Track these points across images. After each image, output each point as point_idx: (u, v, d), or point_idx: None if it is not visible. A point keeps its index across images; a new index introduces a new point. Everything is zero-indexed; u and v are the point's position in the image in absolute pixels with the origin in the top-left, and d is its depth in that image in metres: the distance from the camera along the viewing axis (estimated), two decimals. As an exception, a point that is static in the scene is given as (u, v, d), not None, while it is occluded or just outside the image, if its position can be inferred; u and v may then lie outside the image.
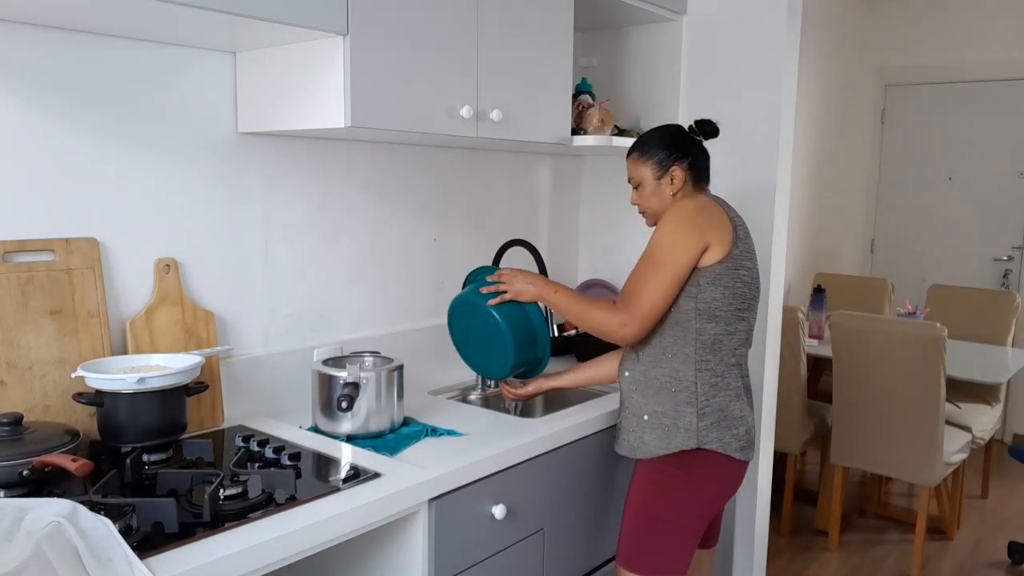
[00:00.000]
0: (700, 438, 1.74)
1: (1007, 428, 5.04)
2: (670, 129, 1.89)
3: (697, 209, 1.73)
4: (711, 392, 1.75)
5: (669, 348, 1.77)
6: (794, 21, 2.43)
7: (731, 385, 1.78)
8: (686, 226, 1.70)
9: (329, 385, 1.74)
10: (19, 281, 1.52)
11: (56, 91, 1.56)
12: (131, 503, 1.25)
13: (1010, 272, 5.03)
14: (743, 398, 1.81)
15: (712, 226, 1.71)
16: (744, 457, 1.79)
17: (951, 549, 3.47)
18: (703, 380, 1.75)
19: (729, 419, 1.76)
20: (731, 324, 1.75)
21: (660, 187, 1.84)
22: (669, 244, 1.70)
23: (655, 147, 1.85)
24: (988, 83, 5.02)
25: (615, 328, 1.73)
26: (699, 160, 1.86)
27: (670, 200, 1.84)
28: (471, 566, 1.64)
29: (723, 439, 1.75)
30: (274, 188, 1.94)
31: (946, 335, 2.99)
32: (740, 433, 1.78)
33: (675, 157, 1.83)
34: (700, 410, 1.75)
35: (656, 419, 1.78)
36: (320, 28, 1.55)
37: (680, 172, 1.82)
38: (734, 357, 1.79)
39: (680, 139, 1.86)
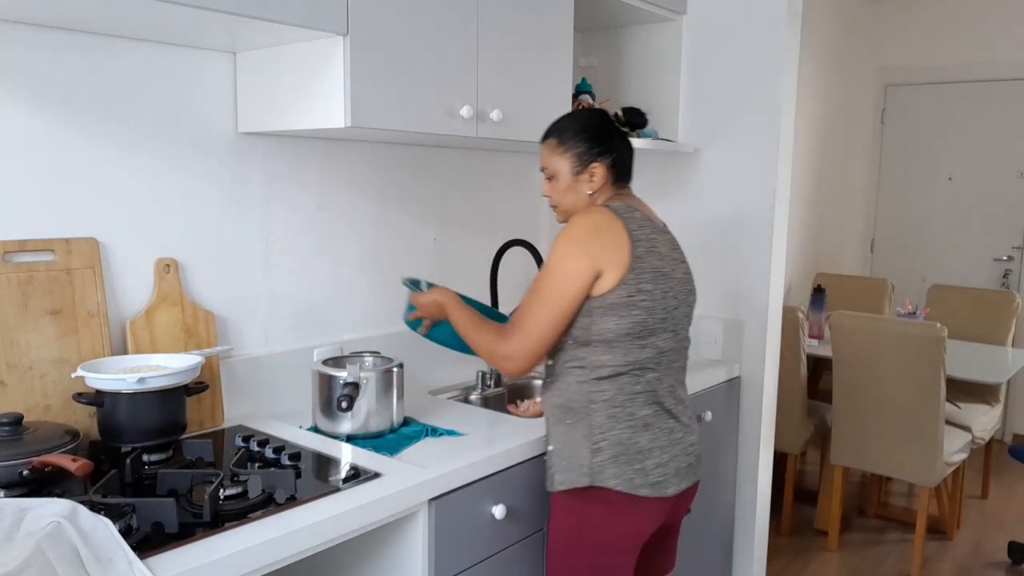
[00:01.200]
0: (594, 475, 1.58)
1: (1007, 428, 5.04)
2: (595, 118, 1.70)
3: (589, 230, 1.56)
4: (608, 424, 1.58)
5: (564, 377, 1.63)
6: (794, 21, 2.43)
7: (636, 415, 1.59)
8: (577, 250, 1.55)
9: (329, 385, 1.74)
10: (19, 281, 1.52)
11: (56, 91, 1.56)
12: (131, 503, 1.25)
13: (1010, 272, 5.03)
14: (656, 427, 1.61)
15: (605, 249, 1.54)
16: (657, 494, 1.59)
17: (951, 549, 3.47)
18: (598, 412, 1.59)
19: (631, 453, 1.58)
20: (630, 353, 1.58)
21: (577, 184, 1.67)
22: (558, 273, 1.55)
23: (577, 138, 1.66)
24: (988, 83, 5.03)
25: (499, 360, 1.62)
26: (623, 156, 1.68)
27: (586, 199, 1.67)
28: (471, 566, 1.64)
29: (623, 475, 1.57)
30: (274, 188, 1.94)
31: (946, 335, 2.99)
32: (649, 467, 1.58)
33: (598, 152, 1.65)
34: (595, 444, 1.58)
35: (557, 452, 1.64)
36: (320, 28, 1.55)
37: (601, 170, 1.65)
38: (639, 384, 1.60)
39: (606, 131, 1.67)
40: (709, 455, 2.45)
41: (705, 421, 2.38)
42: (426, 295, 1.79)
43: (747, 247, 2.50)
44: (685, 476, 1.66)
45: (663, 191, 2.66)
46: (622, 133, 1.71)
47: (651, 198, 2.69)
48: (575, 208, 1.68)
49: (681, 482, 1.65)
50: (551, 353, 1.66)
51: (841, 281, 4.57)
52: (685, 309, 1.67)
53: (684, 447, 1.66)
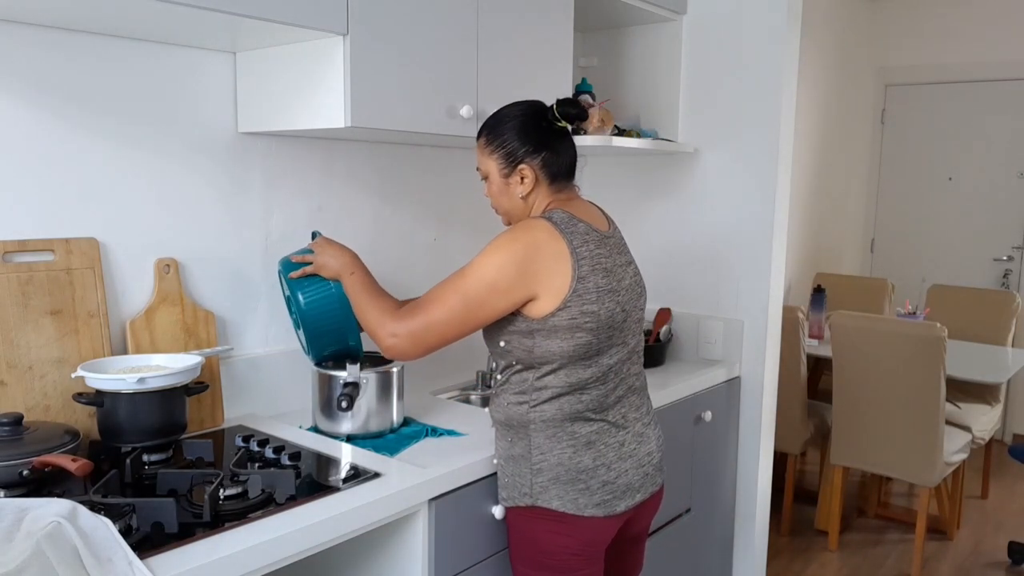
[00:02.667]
0: (536, 496, 1.52)
1: (1007, 428, 5.04)
2: (525, 112, 1.55)
3: (529, 248, 1.44)
4: (548, 445, 1.51)
5: (506, 395, 1.56)
6: (794, 21, 2.43)
7: (577, 433, 1.50)
8: (510, 269, 1.43)
9: (329, 385, 1.74)
10: (19, 281, 1.52)
11: (56, 91, 1.56)
12: (131, 503, 1.25)
13: (1010, 272, 5.03)
14: (601, 442, 1.52)
15: (543, 272, 1.43)
16: (606, 512, 1.51)
17: (951, 549, 3.47)
18: (538, 432, 1.51)
19: (573, 473, 1.50)
20: (573, 375, 1.49)
21: (508, 186, 1.56)
22: (484, 279, 1.44)
23: (504, 136, 1.54)
24: (988, 83, 5.03)
25: (384, 337, 1.51)
26: (557, 155, 1.54)
27: (519, 203, 1.56)
28: (471, 566, 1.64)
29: (566, 496, 1.50)
30: (274, 188, 1.94)
31: (946, 335, 2.99)
32: (594, 486, 1.50)
33: (526, 151, 1.52)
34: (535, 465, 1.52)
35: (502, 468, 1.59)
36: (320, 28, 1.55)
37: (530, 171, 1.53)
38: (580, 403, 1.51)
39: (534, 127, 1.53)
40: (709, 455, 2.45)
41: (705, 421, 2.38)
42: (332, 243, 1.67)
43: (747, 247, 2.50)
44: (639, 489, 1.57)
45: (663, 191, 2.66)
46: (557, 130, 1.55)
47: (651, 198, 2.70)
48: (514, 212, 1.59)
49: (635, 495, 1.56)
50: (497, 367, 1.59)
51: (841, 281, 4.57)
52: (637, 315, 1.59)
53: (637, 460, 1.57)
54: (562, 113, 1.53)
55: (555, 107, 1.53)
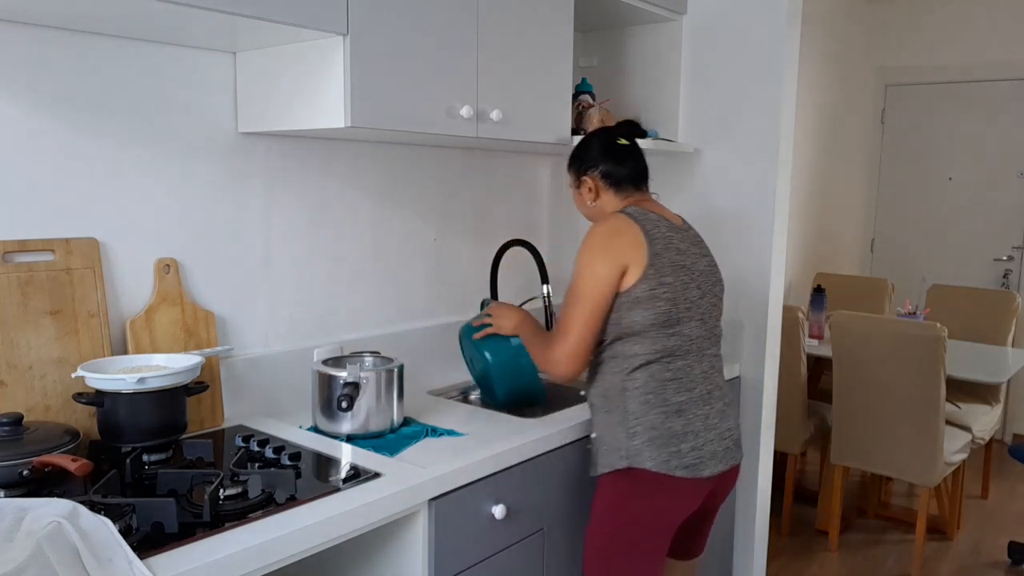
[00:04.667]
0: (631, 457, 1.69)
1: (1007, 428, 5.04)
2: (590, 137, 1.90)
3: (608, 233, 1.70)
4: (642, 410, 1.69)
5: (600, 369, 1.76)
6: (794, 21, 2.43)
7: (669, 401, 1.69)
8: (599, 253, 1.68)
9: (329, 385, 1.74)
10: (19, 281, 1.52)
11: (56, 91, 1.56)
12: (131, 503, 1.25)
13: (1010, 272, 5.03)
14: (690, 412, 1.71)
15: (626, 247, 1.67)
16: (692, 475, 1.68)
17: (951, 549, 3.47)
18: (632, 399, 1.70)
19: (666, 436, 1.68)
20: (658, 342, 1.68)
21: (580, 196, 1.88)
22: (587, 275, 1.68)
23: (571, 158, 1.89)
24: (988, 83, 5.03)
25: (551, 367, 1.73)
26: (616, 166, 1.82)
27: (593, 208, 1.86)
28: (471, 566, 1.64)
29: (658, 457, 1.67)
30: (274, 188, 1.95)
31: (946, 335, 2.99)
32: (684, 450, 1.68)
33: (587, 167, 1.84)
34: (630, 429, 1.69)
35: (600, 437, 1.76)
36: (320, 28, 1.55)
37: (591, 181, 1.83)
38: (669, 372, 1.70)
39: (592, 148, 1.85)
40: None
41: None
42: (504, 305, 2.00)
43: (747, 247, 2.50)
44: (722, 459, 1.74)
45: (663, 191, 2.66)
46: (616, 146, 1.84)
47: (651, 198, 2.70)
48: (593, 217, 1.87)
49: (718, 464, 1.73)
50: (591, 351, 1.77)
51: (841, 281, 4.57)
52: (711, 299, 1.78)
53: (720, 432, 1.75)
54: (621, 132, 1.86)
55: (616, 127, 1.88)
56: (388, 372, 1.77)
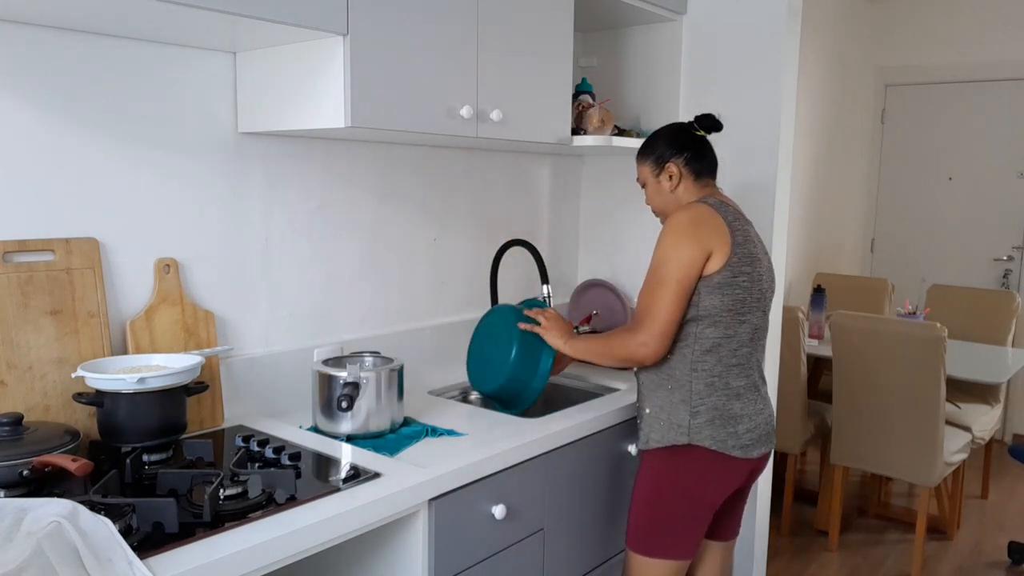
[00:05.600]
0: (692, 435, 1.78)
1: (1007, 428, 5.04)
2: (669, 127, 1.93)
3: (693, 220, 1.75)
4: (706, 392, 1.78)
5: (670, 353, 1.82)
6: (794, 21, 2.43)
7: (731, 385, 1.80)
8: (686, 238, 1.73)
9: (329, 385, 1.74)
10: (19, 281, 1.52)
11: (56, 91, 1.56)
12: (131, 503, 1.25)
13: (1010, 272, 5.03)
14: (746, 396, 1.81)
15: (710, 235, 1.73)
16: (744, 455, 1.80)
17: (951, 549, 3.47)
18: (699, 380, 1.78)
19: (725, 417, 1.78)
20: (731, 328, 1.77)
21: (659, 184, 1.89)
22: (673, 258, 1.73)
23: (652, 145, 1.91)
24: (988, 83, 5.03)
25: (636, 348, 1.76)
26: (698, 155, 1.87)
27: (671, 197, 1.88)
28: (471, 566, 1.64)
29: (717, 437, 1.78)
30: (274, 188, 1.95)
31: (946, 335, 2.99)
32: (740, 431, 1.79)
33: (671, 153, 1.87)
34: (694, 408, 1.78)
35: (655, 414, 1.84)
36: (320, 28, 1.55)
37: (675, 168, 1.86)
38: (735, 358, 1.80)
39: (676, 135, 1.89)
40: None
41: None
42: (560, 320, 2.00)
43: (747, 247, 2.50)
44: (766, 442, 1.86)
45: (663, 191, 2.66)
46: (696, 136, 1.88)
47: (651, 198, 2.70)
48: (666, 207, 1.90)
49: (764, 446, 1.85)
50: None
51: (841, 281, 4.57)
52: (771, 294, 1.86)
53: (765, 416, 1.86)
54: (700, 124, 1.89)
55: (694, 120, 1.90)
56: (388, 372, 1.77)
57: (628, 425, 2.08)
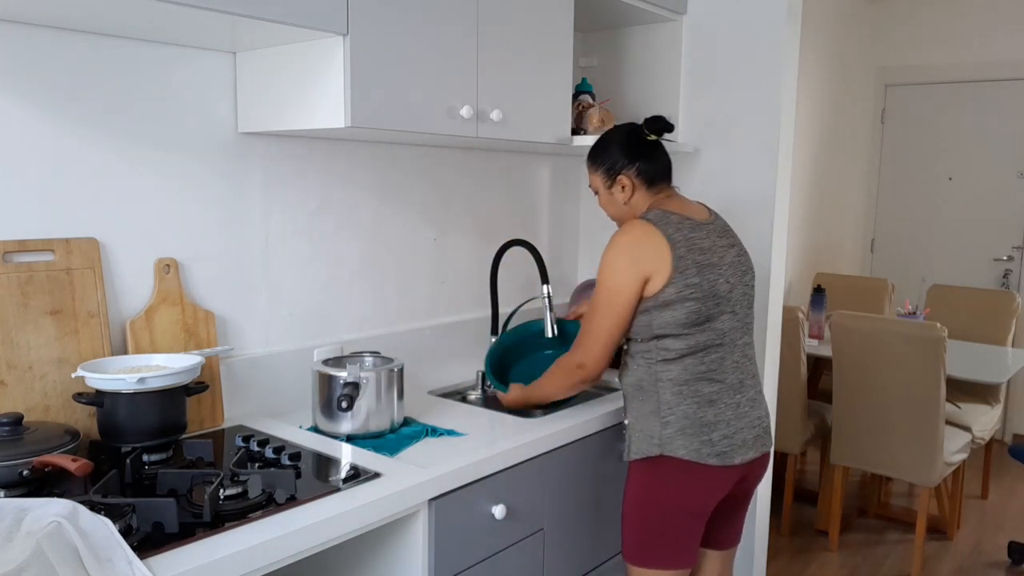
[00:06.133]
0: (664, 446, 1.74)
1: (1007, 428, 5.04)
2: (617, 132, 1.87)
3: (631, 243, 1.72)
4: (675, 401, 1.74)
5: (634, 361, 1.80)
6: (794, 21, 2.43)
7: (701, 392, 1.74)
8: (622, 265, 1.71)
9: (329, 385, 1.74)
10: (19, 281, 1.52)
11: (56, 91, 1.56)
12: (131, 503, 1.25)
13: (1010, 272, 5.03)
14: (722, 401, 1.75)
15: (646, 258, 1.70)
16: (723, 463, 1.74)
17: (951, 549, 3.47)
18: (665, 390, 1.75)
19: (697, 425, 1.73)
20: (692, 337, 1.73)
21: (612, 195, 1.85)
22: (609, 285, 1.73)
23: (602, 155, 1.85)
24: (988, 83, 5.03)
25: (575, 371, 1.81)
26: (650, 162, 1.82)
27: (624, 208, 1.84)
28: (471, 566, 1.64)
29: (690, 446, 1.73)
30: (274, 188, 1.94)
31: (946, 335, 2.99)
32: (715, 438, 1.73)
33: (622, 164, 1.82)
34: (663, 418, 1.74)
35: (632, 424, 1.81)
36: (320, 28, 1.55)
37: (627, 179, 1.82)
38: (702, 365, 1.74)
39: (626, 144, 1.83)
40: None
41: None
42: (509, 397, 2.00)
43: (747, 247, 2.50)
44: (752, 447, 1.79)
45: (663, 191, 2.66)
46: (646, 142, 1.83)
47: (651, 198, 2.70)
48: (621, 217, 1.87)
49: (747, 452, 1.78)
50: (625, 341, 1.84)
51: (841, 281, 4.57)
52: (742, 289, 1.80)
53: (750, 420, 1.79)
54: (650, 128, 1.83)
55: (644, 124, 1.84)
56: (388, 372, 1.77)
57: (628, 425, 2.08)
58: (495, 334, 2.35)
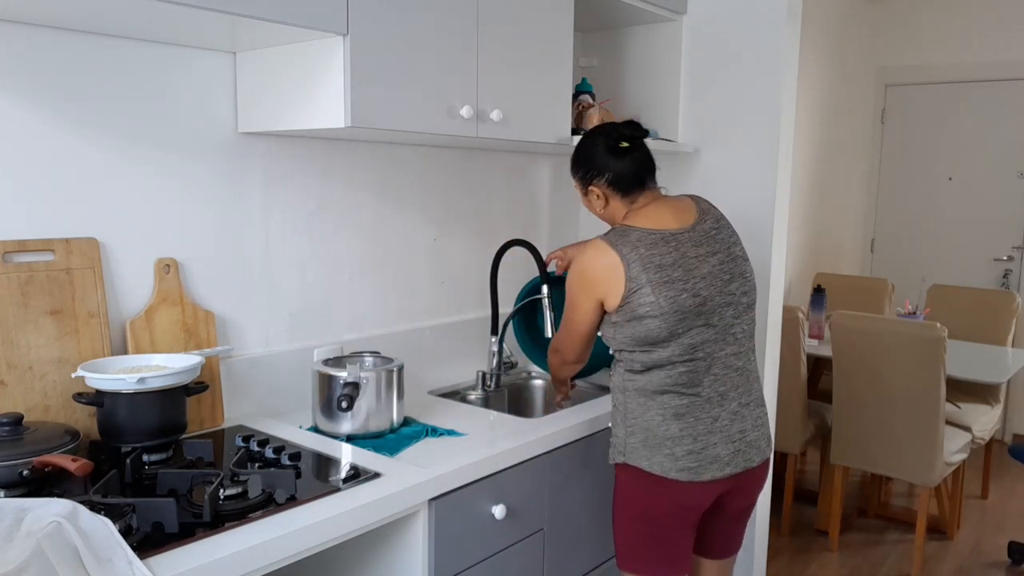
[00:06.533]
0: (628, 454, 1.73)
1: (1007, 428, 5.04)
2: (590, 141, 1.82)
3: (584, 265, 1.71)
4: (640, 411, 1.71)
5: (614, 366, 1.80)
6: (794, 21, 2.43)
7: (667, 405, 1.69)
8: (577, 288, 1.74)
9: (329, 385, 1.74)
10: (19, 281, 1.52)
11: (56, 91, 1.56)
12: (131, 503, 1.25)
13: (1010, 272, 5.03)
14: (691, 416, 1.68)
15: (598, 278, 1.69)
16: (691, 479, 1.67)
17: (951, 549, 3.47)
18: (631, 399, 1.73)
19: (659, 439, 1.68)
20: (655, 353, 1.68)
21: (590, 203, 1.84)
22: (570, 304, 1.78)
23: (576, 163, 1.84)
24: (988, 83, 5.03)
25: (553, 353, 1.93)
26: (622, 171, 1.77)
27: (603, 213, 1.83)
28: (471, 566, 1.64)
29: (653, 459, 1.69)
30: (274, 188, 1.95)
31: (946, 335, 2.99)
32: (678, 453, 1.67)
33: (592, 175, 1.79)
34: (628, 427, 1.73)
35: (612, 429, 1.82)
36: (320, 28, 1.55)
37: (599, 190, 1.79)
38: (670, 378, 1.68)
39: (598, 154, 1.78)
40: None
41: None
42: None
43: (747, 247, 2.50)
44: (729, 463, 1.71)
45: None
46: (618, 149, 1.77)
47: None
48: (604, 219, 1.86)
49: (723, 468, 1.70)
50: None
51: (841, 281, 4.57)
52: (724, 298, 1.72)
53: (728, 434, 1.71)
54: (621, 136, 1.78)
55: (615, 131, 1.80)
56: (388, 372, 1.77)
57: (628, 425, 2.08)
58: (495, 334, 2.35)
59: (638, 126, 1.81)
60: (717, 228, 1.77)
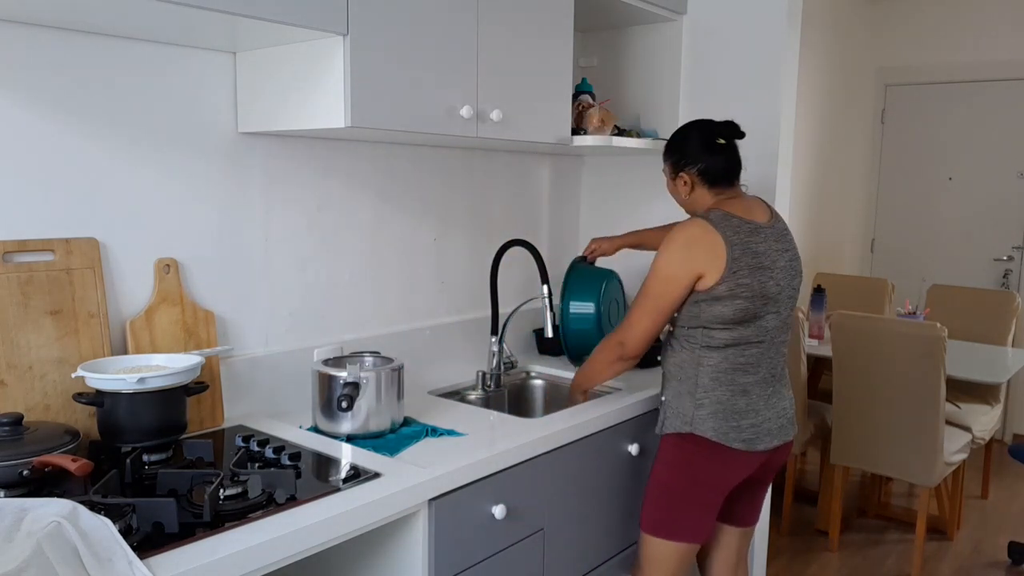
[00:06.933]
0: (695, 425, 1.86)
1: (1007, 428, 5.04)
2: (691, 131, 1.96)
3: (689, 239, 1.81)
4: (712, 386, 1.86)
5: (679, 343, 1.91)
6: (794, 21, 2.43)
7: (737, 382, 1.86)
8: (676, 260, 1.82)
9: (329, 385, 1.74)
10: (19, 281, 1.52)
11: (56, 91, 1.56)
12: (131, 503, 1.25)
13: (1010, 272, 5.03)
14: (754, 392, 1.87)
15: (703, 255, 1.79)
16: (748, 448, 1.86)
17: (951, 549, 3.48)
18: (704, 375, 1.86)
19: (729, 412, 1.85)
20: (736, 331, 1.84)
21: (676, 188, 1.98)
22: (661, 277, 1.84)
23: (671, 149, 1.98)
24: (988, 83, 5.03)
25: (615, 347, 1.94)
26: (714, 165, 1.91)
27: (687, 201, 1.97)
28: (471, 566, 1.64)
29: (720, 429, 1.85)
30: (274, 188, 1.95)
31: (946, 335, 2.99)
32: (743, 425, 1.85)
33: (685, 162, 1.93)
34: (698, 400, 1.86)
35: (668, 402, 1.94)
36: (320, 28, 1.55)
37: (688, 177, 1.93)
38: (743, 357, 1.86)
39: (692, 144, 1.93)
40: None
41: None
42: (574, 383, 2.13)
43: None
44: (776, 435, 1.91)
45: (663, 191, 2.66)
46: (714, 144, 1.91)
47: (651, 198, 2.70)
48: (684, 206, 2.00)
49: (772, 440, 1.90)
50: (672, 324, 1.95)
51: (841, 281, 4.57)
52: (789, 292, 1.90)
53: (778, 410, 1.92)
54: (720, 133, 1.91)
55: (713, 127, 1.92)
56: (388, 372, 1.77)
57: (628, 425, 2.08)
58: (495, 334, 2.35)
59: (736, 128, 1.93)
60: (786, 229, 1.95)
